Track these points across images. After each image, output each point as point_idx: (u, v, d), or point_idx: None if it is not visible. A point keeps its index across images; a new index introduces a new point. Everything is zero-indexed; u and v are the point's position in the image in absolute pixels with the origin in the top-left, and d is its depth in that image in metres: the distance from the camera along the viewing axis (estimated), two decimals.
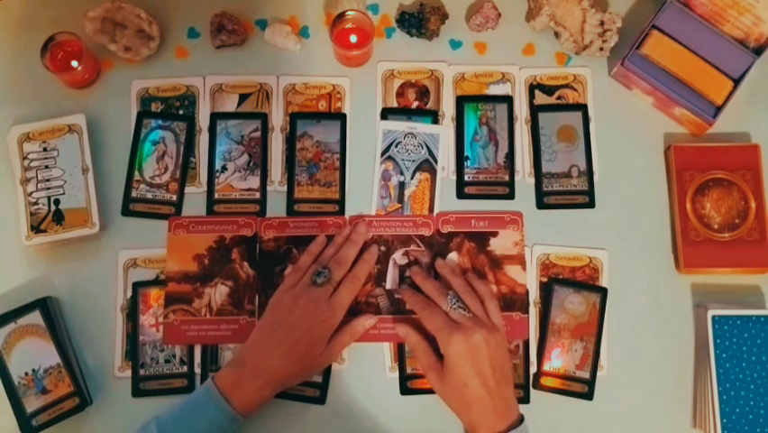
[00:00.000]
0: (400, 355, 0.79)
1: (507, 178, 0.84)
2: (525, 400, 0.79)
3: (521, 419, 0.71)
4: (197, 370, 0.78)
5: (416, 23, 0.86)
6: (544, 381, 0.79)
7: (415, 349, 0.75)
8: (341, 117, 0.85)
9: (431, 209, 0.83)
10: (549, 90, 0.87)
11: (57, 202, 0.80)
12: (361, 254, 0.79)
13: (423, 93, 0.86)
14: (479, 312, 0.74)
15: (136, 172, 0.83)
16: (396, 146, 0.84)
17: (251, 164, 0.84)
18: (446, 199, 0.84)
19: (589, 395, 0.78)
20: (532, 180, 0.84)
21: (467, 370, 0.70)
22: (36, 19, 0.88)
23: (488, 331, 0.71)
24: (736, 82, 0.83)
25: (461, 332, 0.71)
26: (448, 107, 0.86)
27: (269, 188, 0.84)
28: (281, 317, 0.73)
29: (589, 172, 0.84)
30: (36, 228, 0.80)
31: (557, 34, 0.87)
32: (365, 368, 0.79)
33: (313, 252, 0.79)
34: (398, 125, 0.85)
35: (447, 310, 0.73)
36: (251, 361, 0.72)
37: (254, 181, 0.83)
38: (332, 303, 0.74)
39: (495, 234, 0.82)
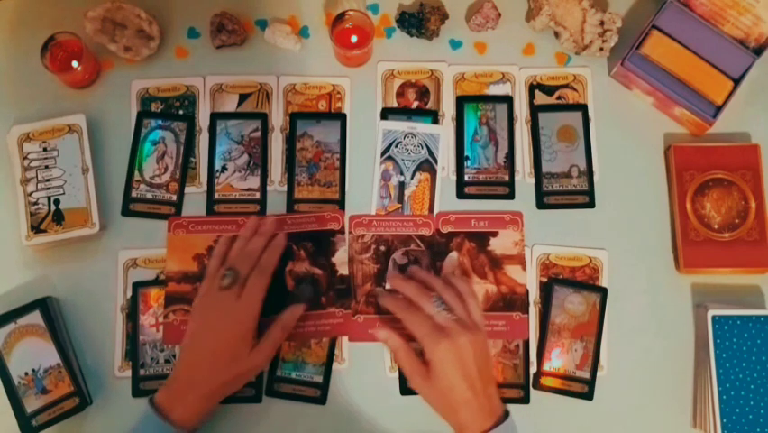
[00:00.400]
0: None
1: (507, 178, 0.84)
2: (525, 400, 0.79)
3: (506, 414, 0.71)
4: None
5: (416, 23, 0.86)
6: (544, 381, 0.79)
7: (397, 353, 0.73)
8: (341, 117, 0.85)
9: (431, 209, 0.83)
10: (549, 90, 0.87)
11: (57, 202, 0.80)
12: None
13: (423, 93, 0.86)
14: (462, 313, 0.72)
15: (136, 172, 0.83)
16: (396, 146, 0.84)
17: (251, 164, 0.84)
18: (446, 199, 0.84)
19: (589, 395, 0.78)
20: (532, 180, 0.84)
21: (453, 374, 0.69)
22: (36, 19, 0.88)
23: (472, 334, 0.71)
24: (736, 82, 0.83)
25: (449, 338, 0.69)
26: (448, 107, 0.86)
27: (269, 188, 0.83)
28: (198, 329, 0.73)
29: (589, 172, 0.84)
30: (36, 228, 0.80)
31: (557, 34, 0.87)
32: (365, 368, 0.79)
33: (219, 254, 0.78)
34: (398, 125, 0.85)
35: (432, 314, 0.72)
36: (180, 377, 0.72)
37: (254, 181, 0.83)
38: (242, 301, 0.72)
39: (495, 234, 0.82)
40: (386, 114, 0.85)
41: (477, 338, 0.71)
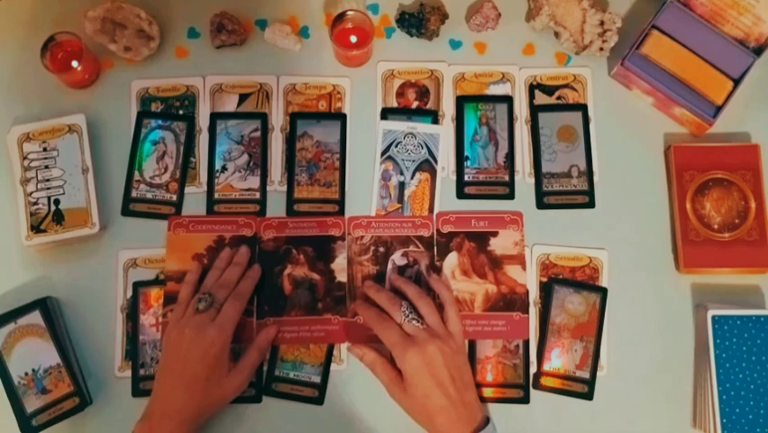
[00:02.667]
0: None
1: (507, 178, 0.84)
2: (525, 400, 0.79)
3: (486, 421, 0.71)
4: None
5: (416, 23, 0.86)
6: (544, 381, 0.79)
7: (373, 367, 0.74)
8: (341, 117, 0.85)
9: (431, 209, 0.83)
10: (549, 90, 0.87)
11: (57, 202, 0.80)
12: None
13: (423, 93, 0.86)
14: (433, 321, 0.73)
15: (136, 172, 0.83)
16: (396, 146, 0.84)
17: (251, 164, 0.84)
18: (446, 199, 0.84)
19: (589, 395, 0.78)
20: (532, 180, 0.84)
21: (426, 382, 0.69)
22: (36, 19, 0.88)
23: (442, 341, 0.71)
24: (736, 82, 0.83)
25: (416, 345, 0.70)
26: (448, 107, 0.86)
27: (269, 188, 0.83)
28: (173, 355, 0.72)
29: (589, 172, 0.84)
30: (36, 228, 0.80)
31: (557, 34, 0.87)
32: (363, 369, 0.79)
33: (190, 282, 0.77)
34: (398, 125, 0.85)
35: (401, 323, 0.73)
36: (157, 408, 0.71)
37: (254, 181, 0.83)
38: (216, 323, 0.72)
39: (495, 234, 0.82)
40: (386, 114, 0.85)
41: (448, 346, 0.71)
